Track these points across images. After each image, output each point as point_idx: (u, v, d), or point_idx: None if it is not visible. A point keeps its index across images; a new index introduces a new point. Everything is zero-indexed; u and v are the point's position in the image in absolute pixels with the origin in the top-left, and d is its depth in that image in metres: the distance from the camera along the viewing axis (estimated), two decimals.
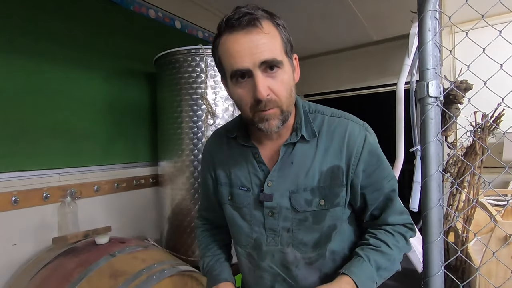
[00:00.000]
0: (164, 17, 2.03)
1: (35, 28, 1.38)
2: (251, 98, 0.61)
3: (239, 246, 0.79)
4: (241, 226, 0.75)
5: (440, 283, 0.69)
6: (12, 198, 1.25)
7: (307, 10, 2.39)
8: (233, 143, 0.77)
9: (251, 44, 0.58)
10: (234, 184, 0.75)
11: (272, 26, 0.62)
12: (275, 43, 0.61)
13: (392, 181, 0.73)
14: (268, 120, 0.63)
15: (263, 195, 0.70)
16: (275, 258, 0.73)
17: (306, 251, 0.71)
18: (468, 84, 0.78)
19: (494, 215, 1.26)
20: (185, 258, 1.51)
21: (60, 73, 1.46)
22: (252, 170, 0.73)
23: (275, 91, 0.61)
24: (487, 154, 1.19)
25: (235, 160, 0.75)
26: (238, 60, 0.59)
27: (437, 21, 0.71)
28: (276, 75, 0.61)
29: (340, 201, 0.70)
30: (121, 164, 1.73)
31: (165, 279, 1.06)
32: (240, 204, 0.74)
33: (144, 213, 1.85)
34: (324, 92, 3.60)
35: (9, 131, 1.28)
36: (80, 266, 1.08)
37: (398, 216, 0.73)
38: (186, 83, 1.54)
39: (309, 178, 0.69)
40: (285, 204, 0.70)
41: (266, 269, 0.74)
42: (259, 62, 0.59)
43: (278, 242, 0.72)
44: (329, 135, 0.70)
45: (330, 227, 0.71)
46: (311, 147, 0.70)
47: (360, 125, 0.71)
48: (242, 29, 0.59)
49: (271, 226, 0.71)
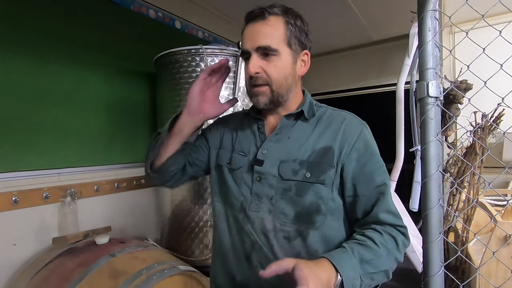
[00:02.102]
0: (164, 17, 2.03)
1: (35, 28, 1.38)
2: (248, 74, 0.74)
3: (227, 206, 0.80)
4: (231, 187, 0.79)
5: (440, 283, 0.69)
6: (12, 198, 1.25)
7: (307, 10, 2.39)
8: (246, 118, 0.87)
9: (253, 31, 0.72)
10: (235, 150, 0.82)
11: (280, 22, 0.72)
12: (274, 34, 0.71)
13: (384, 175, 0.74)
14: (257, 96, 0.74)
15: (255, 160, 0.76)
16: (255, 224, 0.74)
17: (285, 223, 0.73)
18: (468, 84, 0.78)
19: (494, 215, 1.26)
20: (185, 258, 1.51)
21: (60, 73, 1.46)
22: (253, 138, 0.81)
23: (266, 71, 0.72)
24: (487, 154, 1.19)
25: (243, 130, 0.85)
26: (244, 43, 0.74)
27: (437, 21, 0.71)
28: (270, 60, 0.72)
29: (326, 179, 0.71)
30: (121, 164, 1.73)
31: (165, 279, 1.07)
32: (234, 166, 0.80)
33: (144, 213, 1.85)
34: (324, 92, 3.60)
35: (9, 131, 1.28)
36: (80, 266, 1.08)
37: (391, 216, 0.71)
38: (186, 83, 1.54)
39: (301, 152, 0.74)
40: (272, 172, 0.75)
41: (247, 233, 0.75)
42: (256, 46, 0.71)
43: (260, 208, 0.74)
44: (328, 121, 0.77)
45: (313, 204, 0.71)
46: (309, 126, 0.77)
47: (358, 120, 0.79)
48: (252, 20, 0.73)
49: (256, 191, 0.75)
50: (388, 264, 0.67)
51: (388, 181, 0.75)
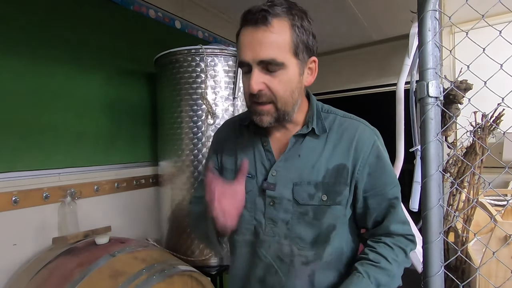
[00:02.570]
0: (164, 17, 2.03)
1: (35, 28, 1.37)
2: (249, 89, 0.65)
3: (236, 234, 0.77)
4: (242, 213, 0.74)
5: (440, 283, 0.69)
6: (12, 198, 1.25)
7: (307, 11, 2.38)
8: (244, 131, 0.79)
9: (254, 40, 0.62)
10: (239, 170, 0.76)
11: (285, 26, 0.63)
12: (280, 43, 0.62)
13: (395, 188, 0.73)
14: (261, 115, 0.67)
15: (266, 184, 0.71)
16: (271, 249, 0.72)
17: (303, 247, 0.70)
18: (468, 84, 0.78)
19: (494, 215, 1.26)
20: (185, 258, 1.51)
21: (60, 73, 1.46)
22: (259, 158, 0.74)
23: (271, 88, 0.64)
24: (487, 154, 1.19)
25: (244, 147, 0.77)
26: (243, 53, 0.64)
27: (437, 21, 0.71)
28: (275, 74, 0.64)
29: (342, 200, 0.70)
30: (121, 164, 1.73)
31: (165, 279, 1.06)
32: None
33: (144, 213, 1.85)
34: (324, 92, 3.60)
35: (9, 131, 1.28)
36: (80, 266, 1.08)
37: (401, 226, 0.72)
38: (186, 83, 1.54)
39: (314, 173, 0.70)
40: (287, 196, 0.70)
41: (261, 257, 0.73)
42: (258, 59, 0.62)
43: (275, 233, 0.71)
44: (339, 133, 0.72)
45: (330, 226, 0.71)
46: (319, 142, 0.71)
47: (370, 129, 0.73)
48: (252, 25, 0.62)
49: (270, 215, 0.71)
50: (399, 276, 0.70)
51: (399, 194, 0.74)
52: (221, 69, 1.54)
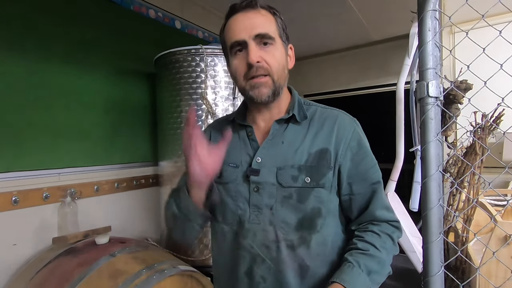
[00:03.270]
0: (164, 17, 2.03)
1: (35, 28, 1.38)
2: (244, 66, 0.69)
3: (224, 223, 0.77)
4: (227, 203, 0.75)
5: (440, 283, 0.69)
6: (12, 198, 1.25)
7: (307, 10, 2.39)
8: (231, 125, 0.81)
9: (248, 20, 0.69)
10: (225, 162, 0.75)
11: (269, 13, 0.72)
12: (270, 23, 0.70)
13: (377, 172, 0.75)
14: (259, 87, 0.69)
15: (251, 170, 0.73)
16: (256, 237, 0.72)
17: (288, 232, 0.71)
18: (468, 84, 0.78)
19: (494, 215, 1.26)
20: (185, 258, 1.51)
21: (60, 73, 1.46)
22: (244, 147, 0.77)
23: (267, 61, 0.69)
24: (487, 154, 1.19)
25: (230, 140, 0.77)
26: (236, 33, 0.69)
27: (437, 21, 0.71)
28: (268, 49, 0.69)
29: (326, 182, 0.71)
30: (121, 164, 1.73)
31: (165, 279, 1.07)
32: (226, 179, 0.76)
33: (144, 213, 1.85)
34: (324, 92, 3.60)
35: (9, 131, 1.28)
36: (80, 266, 1.08)
37: (386, 211, 0.73)
38: (186, 83, 1.54)
39: (297, 156, 0.72)
40: (271, 180, 0.72)
41: (247, 248, 0.73)
42: (254, 34, 0.67)
43: (260, 219, 0.72)
44: (320, 121, 0.75)
45: (314, 209, 0.71)
46: (302, 129, 0.75)
47: (350, 117, 0.78)
48: (242, 10, 0.70)
49: (255, 202, 0.72)
50: (389, 263, 0.71)
51: (381, 178, 0.76)
52: (221, 69, 1.54)
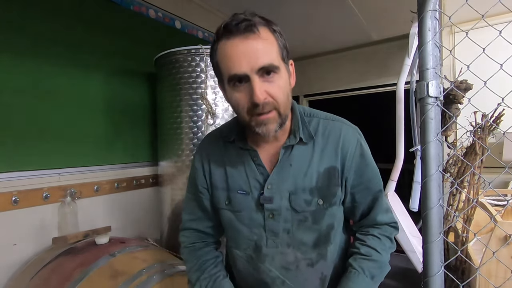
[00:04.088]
0: (164, 17, 2.03)
1: (35, 28, 1.38)
2: (248, 102, 0.62)
3: (238, 250, 0.77)
4: (240, 230, 0.74)
5: (440, 283, 0.69)
6: (12, 198, 1.25)
7: (307, 11, 2.39)
8: (229, 147, 0.76)
9: (249, 49, 0.59)
10: (232, 188, 0.74)
11: (269, 33, 0.63)
12: (272, 49, 0.62)
13: (379, 181, 0.78)
14: (266, 124, 0.64)
15: (264, 198, 0.71)
16: (274, 261, 0.73)
17: (306, 251, 0.72)
18: (468, 84, 0.78)
19: (494, 215, 1.26)
20: None
21: (60, 72, 1.46)
22: (251, 173, 0.73)
23: (272, 95, 0.62)
24: (487, 154, 1.19)
25: (233, 164, 0.75)
26: (236, 65, 0.60)
27: (437, 21, 0.71)
28: (273, 80, 0.62)
29: (337, 200, 0.73)
30: (121, 164, 1.73)
31: (165, 279, 1.06)
32: (238, 208, 0.74)
33: (144, 213, 1.85)
34: (324, 92, 3.60)
35: (9, 131, 1.28)
36: (80, 266, 1.08)
37: (385, 215, 0.77)
38: (186, 83, 1.54)
39: (307, 179, 0.71)
40: (285, 205, 0.71)
41: (265, 271, 0.74)
42: (257, 67, 0.60)
43: (278, 243, 0.72)
44: (324, 137, 0.73)
45: (329, 226, 0.73)
46: (308, 149, 0.72)
47: (353, 128, 0.76)
48: (240, 34, 0.60)
49: (271, 228, 0.72)
50: (388, 263, 0.75)
51: (382, 186, 0.79)
52: None
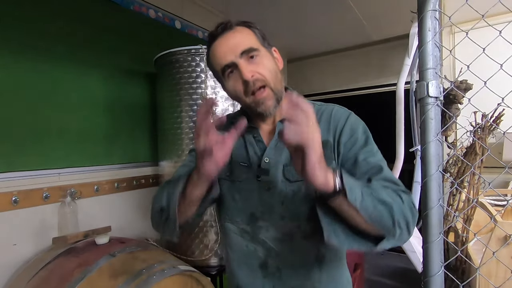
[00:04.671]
0: (164, 17, 2.03)
1: (35, 28, 1.38)
2: (241, 84, 0.71)
3: (231, 222, 0.80)
4: (236, 200, 0.78)
5: (440, 283, 0.69)
6: (12, 198, 1.25)
7: (307, 10, 2.39)
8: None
9: (228, 42, 0.71)
10: (235, 160, 0.79)
11: (245, 28, 0.74)
12: (248, 36, 0.72)
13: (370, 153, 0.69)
14: (264, 102, 0.71)
15: (260, 170, 0.75)
16: (269, 232, 0.75)
17: (300, 223, 0.73)
18: (468, 84, 0.78)
19: (494, 215, 1.26)
20: (185, 258, 1.51)
21: (59, 73, 1.46)
22: (251, 148, 0.78)
23: (259, 71, 0.70)
24: (487, 154, 1.19)
25: (237, 141, 0.77)
26: (222, 57, 0.71)
27: (437, 21, 0.71)
28: (256, 61, 0.71)
29: None
30: (121, 164, 1.73)
31: (165, 279, 1.07)
32: (239, 177, 0.77)
33: (144, 213, 1.84)
34: (324, 92, 3.60)
35: (9, 131, 1.28)
36: (80, 266, 1.08)
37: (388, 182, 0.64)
38: (186, 83, 1.54)
39: None
40: (279, 177, 0.74)
41: (260, 243, 0.76)
42: (239, 53, 0.69)
43: (272, 215, 0.74)
44: (318, 116, 0.77)
45: None
46: None
47: (344, 109, 0.79)
48: (220, 35, 0.72)
49: (266, 199, 0.74)
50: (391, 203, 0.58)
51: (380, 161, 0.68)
52: None
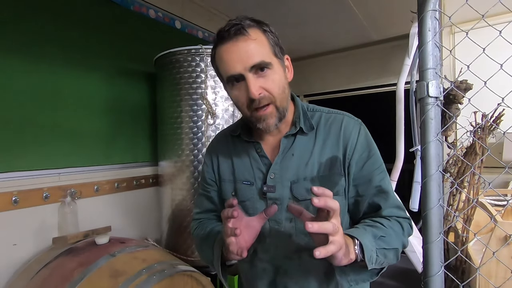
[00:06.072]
0: (164, 17, 2.03)
1: (35, 28, 1.38)
2: (246, 99, 0.68)
3: None
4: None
5: (440, 283, 0.69)
6: (12, 198, 1.25)
7: (307, 11, 2.39)
8: (237, 141, 0.81)
9: (240, 51, 0.65)
10: (238, 180, 0.78)
11: (259, 32, 0.68)
12: (262, 47, 0.67)
13: (383, 173, 0.74)
14: (265, 119, 0.69)
15: (266, 187, 0.73)
16: (278, 250, 0.74)
17: (309, 241, 0.72)
18: (468, 84, 0.78)
19: (494, 215, 1.26)
20: (185, 258, 1.51)
21: (60, 73, 1.46)
22: (255, 164, 0.77)
23: (267, 89, 0.67)
24: (487, 154, 1.19)
25: (239, 156, 0.79)
26: (230, 67, 0.66)
27: (437, 21, 0.71)
28: (266, 75, 0.67)
29: (340, 190, 0.72)
30: (121, 164, 1.73)
31: (165, 279, 1.07)
32: (243, 198, 0.76)
33: (144, 213, 1.85)
34: (324, 92, 3.60)
35: (9, 131, 1.28)
36: (80, 266, 1.08)
37: (394, 209, 0.72)
38: (186, 83, 1.54)
39: (308, 169, 0.72)
40: (287, 195, 0.73)
41: (268, 261, 0.75)
42: (249, 66, 0.65)
43: (281, 233, 0.73)
44: (326, 128, 0.75)
45: None
46: (309, 139, 0.75)
47: (355, 120, 0.77)
48: (231, 38, 0.66)
49: (274, 217, 0.73)
50: (397, 243, 0.69)
51: (388, 179, 0.75)
52: None
